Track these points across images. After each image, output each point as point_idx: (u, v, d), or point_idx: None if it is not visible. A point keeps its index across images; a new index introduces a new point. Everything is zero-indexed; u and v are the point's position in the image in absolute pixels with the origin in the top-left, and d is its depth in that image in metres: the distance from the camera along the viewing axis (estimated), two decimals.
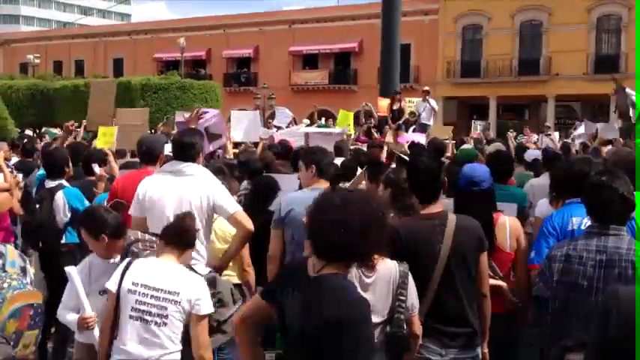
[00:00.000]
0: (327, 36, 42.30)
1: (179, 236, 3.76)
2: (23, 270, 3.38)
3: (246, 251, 5.05)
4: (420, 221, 3.81)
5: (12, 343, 3.06)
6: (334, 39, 42.10)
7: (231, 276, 5.24)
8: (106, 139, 9.39)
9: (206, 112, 11.14)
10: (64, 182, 6.25)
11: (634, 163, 4.65)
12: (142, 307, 3.59)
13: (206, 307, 3.65)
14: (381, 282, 3.44)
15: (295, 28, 44.43)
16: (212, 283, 4.13)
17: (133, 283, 3.62)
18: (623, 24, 34.97)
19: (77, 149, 7.72)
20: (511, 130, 17.72)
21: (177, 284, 3.61)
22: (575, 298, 3.33)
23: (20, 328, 3.08)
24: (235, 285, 5.19)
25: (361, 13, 41.10)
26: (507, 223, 4.35)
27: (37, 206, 6.15)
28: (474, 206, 4.10)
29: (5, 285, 3.08)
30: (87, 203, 6.01)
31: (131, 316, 3.60)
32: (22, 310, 3.09)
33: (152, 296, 3.58)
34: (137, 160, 6.28)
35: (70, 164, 6.57)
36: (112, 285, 3.67)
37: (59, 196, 6.04)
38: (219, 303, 4.11)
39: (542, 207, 5.36)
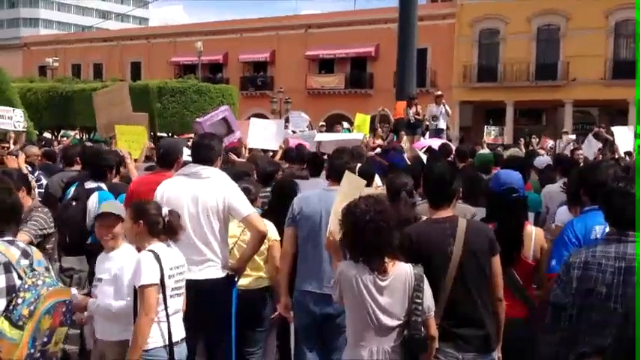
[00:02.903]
0: (343, 40, 42.28)
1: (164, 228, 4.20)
2: (47, 269, 3.44)
3: (277, 252, 5.11)
4: (431, 225, 3.88)
5: (46, 340, 3.11)
6: (351, 43, 42.07)
7: (262, 278, 5.29)
8: (125, 138, 9.29)
9: (215, 110, 11.20)
10: (102, 186, 6.24)
11: None
12: (177, 285, 4.14)
13: None
14: (397, 285, 3.49)
15: (312, 32, 44.48)
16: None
17: (170, 269, 4.07)
18: None
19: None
20: (534, 137, 17.72)
21: (182, 259, 4.24)
22: (593, 305, 3.31)
23: (54, 325, 3.14)
24: (266, 287, 5.26)
25: (378, 17, 41.04)
26: (533, 233, 4.36)
27: (74, 203, 6.16)
28: (511, 213, 4.13)
29: (40, 282, 3.14)
30: None
31: (172, 296, 4.09)
32: (56, 306, 3.14)
33: (179, 273, 4.15)
34: None
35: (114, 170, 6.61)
36: (154, 278, 3.96)
37: (93, 198, 6.02)
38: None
39: (563, 215, 5.29)
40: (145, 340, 3.96)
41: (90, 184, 6.23)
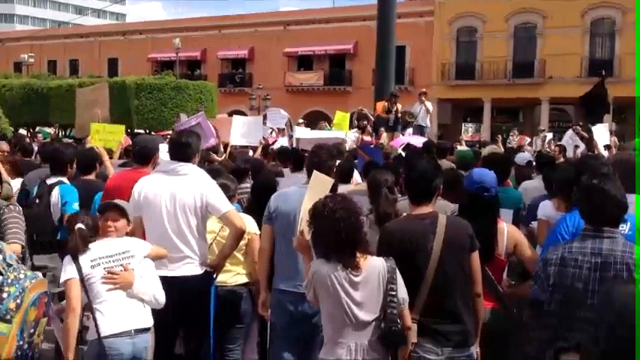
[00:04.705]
0: (322, 37, 42.29)
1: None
2: (17, 262, 3.45)
3: (256, 245, 5.10)
4: (412, 221, 3.90)
5: (32, 331, 3.15)
6: (329, 40, 42.10)
7: (239, 274, 5.28)
8: (100, 137, 9.23)
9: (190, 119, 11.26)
10: (64, 180, 6.27)
11: (631, 165, 4.67)
12: (113, 270, 4.12)
13: (147, 248, 4.37)
14: (371, 279, 3.53)
15: (290, 29, 44.42)
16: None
17: (92, 260, 4.10)
18: (617, 27, 35.05)
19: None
20: (512, 133, 17.81)
21: (124, 246, 4.25)
22: (571, 301, 3.34)
23: (38, 317, 3.21)
24: (244, 284, 5.25)
25: (356, 14, 41.09)
26: (505, 230, 4.40)
27: (37, 201, 6.15)
28: (483, 212, 4.16)
29: (22, 276, 3.18)
30: (76, 202, 6.02)
31: (105, 282, 4.09)
32: (40, 298, 3.19)
33: (114, 260, 4.15)
34: None
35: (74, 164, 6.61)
36: (71, 274, 4.03)
37: (55, 192, 6.06)
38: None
39: (546, 209, 5.33)
40: (72, 333, 3.98)
41: (51, 180, 6.24)
